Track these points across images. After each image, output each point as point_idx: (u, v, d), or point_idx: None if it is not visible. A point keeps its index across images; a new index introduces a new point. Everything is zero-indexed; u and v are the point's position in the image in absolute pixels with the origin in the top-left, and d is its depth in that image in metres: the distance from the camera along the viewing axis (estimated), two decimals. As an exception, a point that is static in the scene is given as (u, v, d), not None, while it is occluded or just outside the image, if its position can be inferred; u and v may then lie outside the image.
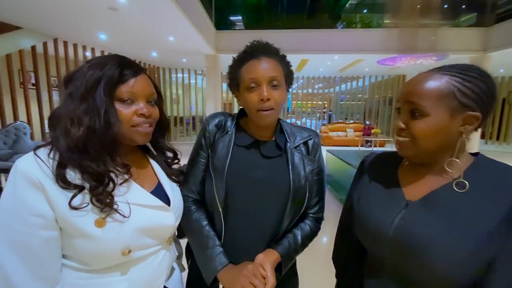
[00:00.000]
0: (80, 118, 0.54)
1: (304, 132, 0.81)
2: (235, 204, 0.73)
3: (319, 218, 0.82)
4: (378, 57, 6.49)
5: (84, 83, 0.56)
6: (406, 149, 0.56)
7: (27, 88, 5.07)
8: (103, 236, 0.54)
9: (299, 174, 0.74)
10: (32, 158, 0.52)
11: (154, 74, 8.77)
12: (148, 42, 5.83)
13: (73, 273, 0.57)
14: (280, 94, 0.71)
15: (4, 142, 4.34)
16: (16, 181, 0.50)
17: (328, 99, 13.52)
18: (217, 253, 0.69)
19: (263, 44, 0.75)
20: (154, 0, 3.60)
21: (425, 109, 0.51)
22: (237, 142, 0.76)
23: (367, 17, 8.94)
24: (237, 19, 9.76)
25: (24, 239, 0.50)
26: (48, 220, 0.51)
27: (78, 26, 4.67)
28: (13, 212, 0.50)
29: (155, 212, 0.63)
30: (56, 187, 0.51)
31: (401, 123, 0.55)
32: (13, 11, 3.97)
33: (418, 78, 0.54)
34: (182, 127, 9.87)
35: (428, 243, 0.50)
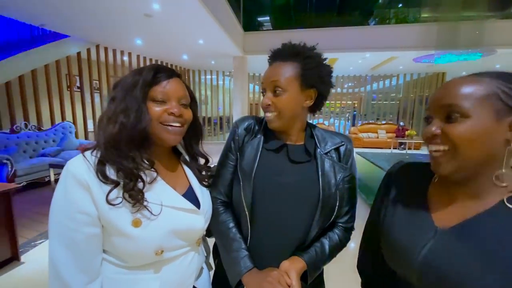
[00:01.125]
0: (116, 117, 0.60)
1: (336, 137, 0.77)
2: (261, 208, 0.71)
3: (349, 228, 0.78)
4: (414, 54, 6.08)
5: (124, 87, 0.62)
6: (444, 163, 0.47)
7: (73, 90, 5.57)
8: (138, 236, 0.57)
9: (329, 182, 0.71)
10: (81, 159, 0.58)
11: (185, 76, 9.12)
12: (179, 45, 6.08)
13: (112, 268, 0.61)
14: (282, 100, 0.69)
15: (53, 140, 4.81)
16: (66, 181, 0.55)
17: (359, 99, 12.98)
18: (242, 256, 0.69)
19: (282, 48, 0.73)
20: (185, 6, 3.75)
21: (466, 109, 0.44)
22: (266, 146, 0.76)
23: (402, 11, 8.40)
24: (265, 19, 9.78)
25: (71, 235, 0.55)
26: (92, 218, 0.56)
27: (117, 32, 5.02)
28: (63, 209, 0.55)
29: (187, 215, 0.66)
30: (100, 187, 0.56)
31: (435, 128, 0.48)
32: (62, 21, 4.39)
33: (453, 81, 0.48)
34: (210, 127, 10.14)
35: (462, 281, 0.43)
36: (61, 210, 0.56)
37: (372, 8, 9.16)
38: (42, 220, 3.00)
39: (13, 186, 2.12)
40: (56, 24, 4.53)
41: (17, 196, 3.62)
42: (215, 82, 9.83)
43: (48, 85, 5.01)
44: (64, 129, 5.08)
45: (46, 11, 3.91)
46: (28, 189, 3.93)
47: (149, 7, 3.77)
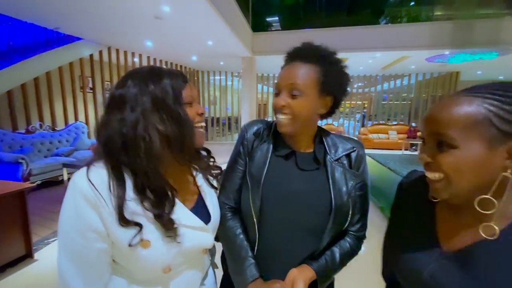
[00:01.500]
0: (156, 132, 0.55)
1: (347, 143, 0.74)
2: (270, 216, 0.70)
3: (361, 236, 0.75)
4: (426, 53, 5.94)
5: (151, 97, 0.56)
6: (441, 190, 0.45)
7: (86, 91, 5.71)
8: (146, 257, 0.56)
9: (340, 190, 0.68)
10: (86, 176, 0.53)
11: (194, 77, 9.21)
12: (188, 47, 6.14)
13: (120, 280, 0.60)
14: (299, 104, 0.65)
15: (66, 140, 4.94)
16: (76, 197, 0.52)
17: (369, 99, 12.78)
18: (248, 264, 0.68)
19: (304, 47, 0.69)
20: (194, 8, 3.78)
21: (452, 140, 0.41)
22: (275, 152, 0.74)
23: (414, 10, 8.22)
24: (274, 19, 9.76)
25: (81, 250, 0.53)
26: (102, 235, 0.54)
27: (128, 35, 5.11)
28: (74, 226, 0.53)
29: (196, 232, 0.63)
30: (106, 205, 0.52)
31: (426, 156, 0.45)
32: (75, 24, 4.50)
33: (442, 103, 0.44)
34: (218, 127, 10.19)
35: None
36: (72, 226, 0.53)
37: (382, 7, 9.00)
38: (55, 218, 3.07)
39: (27, 185, 2.19)
40: (70, 27, 4.65)
41: (31, 195, 3.73)
42: (224, 83, 9.87)
43: (62, 86, 5.15)
44: (77, 129, 5.21)
45: (60, 14, 4.02)
46: (42, 188, 4.04)
47: (159, 10, 3.82)
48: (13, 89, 4.33)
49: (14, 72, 4.30)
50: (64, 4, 3.61)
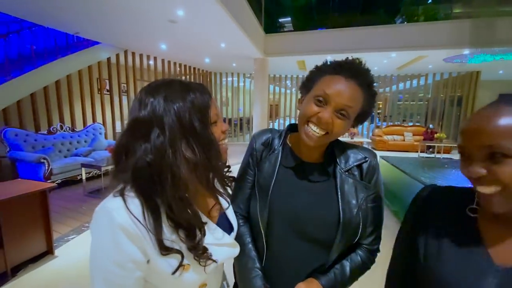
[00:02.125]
0: (183, 158, 0.51)
1: (359, 153, 0.71)
2: (278, 227, 0.69)
3: (374, 250, 0.72)
4: (444, 53, 5.73)
5: (176, 120, 0.51)
6: (498, 203, 0.43)
7: (103, 93, 5.91)
8: (188, 279, 0.55)
9: (349, 202, 0.66)
10: (126, 212, 0.49)
11: (207, 78, 9.33)
12: (202, 49, 6.23)
13: None
14: (341, 125, 0.62)
15: (85, 141, 5.13)
16: (114, 231, 0.48)
17: (384, 99, 12.46)
18: (253, 275, 0.68)
19: (363, 70, 0.65)
20: (208, 12, 3.84)
21: (509, 151, 0.40)
22: (283, 163, 0.73)
23: (432, 8, 7.95)
24: (287, 20, 9.72)
25: (120, 281, 0.50)
26: (141, 264, 0.51)
27: (144, 38, 5.25)
28: (112, 258, 0.49)
29: (227, 249, 0.63)
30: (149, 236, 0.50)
31: (479, 168, 0.43)
32: (94, 29, 4.68)
33: (488, 115, 0.43)
34: (230, 128, 10.27)
35: None
36: (110, 259, 0.49)
37: (398, 5, 8.77)
38: (75, 216, 3.21)
39: (50, 185, 2.29)
40: (89, 32, 4.84)
41: (52, 193, 3.90)
42: (236, 84, 9.94)
43: (81, 89, 5.36)
44: (94, 130, 5.40)
45: (80, 20, 4.19)
46: (61, 187, 4.22)
47: (173, 14, 3.90)
48: (36, 92, 4.55)
49: (37, 75, 4.52)
50: (83, 10, 3.77)
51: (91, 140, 5.22)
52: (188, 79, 8.62)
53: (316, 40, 6.70)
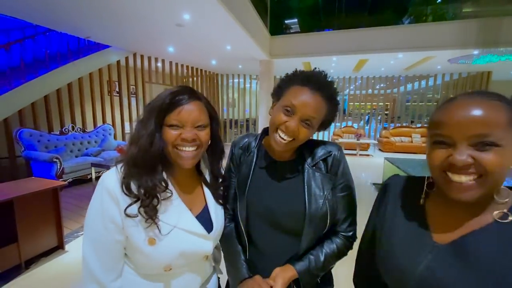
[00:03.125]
0: (138, 138, 0.67)
1: (324, 148, 0.77)
2: (256, 222, 0.77)
3: (349, 236, 0.78)
4: (451, 53, 5.66)
5: (147, 111, 0.69)
6: (471, 191, 0.45)
7: (113, 95, 6.09)
8: (150, 253, 0.64)
9: (315, 194, 0.72)
10: (114, 174, 0.66)
11: (213, 80, 9.44)
12: (208, 51, 6.34)
13: (129, 270, 0.70)
14: (306, 133, 0.70)
15: (95, 141, 5.30)
16: (102, 193, 0.64)
17: (391, 100, 12.30)
18: (239, 267, 0.76)
19: (328, 83, 0.71)
20: (213, 15, 3.93)
21: (497, 139, 0.42)
22: (258, 164, 0.80)
23: (441, 7, 7.82)
24: (293, 21, 9.75)
25: (104, 239, 0.64)
26: (119, 227, 0.64)
27: (152, 42, 5.40)
28: (99, 218, 0.64)
29: (197, 239, 0.70)
30: (125, 202, 0.63)
31: (466, 157, 0.44)
32: (104, 33, 4.84)
33: (472, 104, 0.44)
34: (236, 129, 10.36)
35: None
36: (97, 218, 0.64)
37: (406, 5, 8.67)
38: (84, 213, 3.32)
39: (61, 183, 2.41)
40: (100, 36, 5.01)
41: (63, 191, 4.06)
42: (242, 85, 10.03)
43: (92, 91, 5.54)
44: (104, 131, 5.58)
45: (92, 25, 4.35)
46: (72, 185, 4.38)
47: (180, 18, 4.01)
48: (49, 94, 4.74)
49: (50, 78, 4.70)
50: (95, 15, 3.92)
51: (101, 141, 5.39)
52: (195, 80, 8.72)
53: (322, 42, 6.70)
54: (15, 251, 2.04)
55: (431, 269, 0.48)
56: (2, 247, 1.97)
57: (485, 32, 4.06)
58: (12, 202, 1.98)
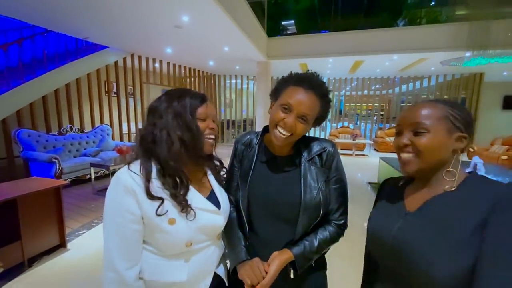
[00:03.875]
0: (175, 134, 0.74)
1: (320, 144, 0.86)
2: (256, 211, 0.85)
3: (341, 224, 0.86)
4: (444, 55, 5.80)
5: (173, 110, 0.76)
6: (411, 165, 0.62)
7: (111, 96, 6.10)
8: (172, 231, 0.72)
9: (310, 186, 0.80)
10: (128, 172, 0.72)
11: (211, 81, 9.49)
12: (206, 52, 6.40)
13: (151, 255, 0.76)
14: (302, 128, 0.78)
15: (93, 141, 5.31)
16: (118, 188, 0.70)
17: (387, 101, 12.46)
18: (238, 250, 0.83)
19: (319, 83, 0.79)
20: (211, 17, 3.99)
21: (428, 126, 0.60)
22: (259, 158, 0.88)
23: (434, 10, 7.97)
24: (290, 23, 9.84)
25: (121, 229, 0.70)
26: (136, 217, 0.71)
27: (150, 43, 5.43)
28: (116, 210, 0.70)
29: (210, 214, 0.80)
30: (144, 195, 0.70)
31: (405, 140, 0.63)
32: (102, 34, 4.87)
33: (418, 106, 0.63)
34: (234, 130, 10.40)
35: (418, 249, 0.56)
36: (113, 210, 0.71)
37: (401, 7, 8.82)
38: (84, 213, 3.37)
39: (63, 182, 2.45)
40: (98, 37, 5.03)
41: (63, 192, 4.07)
42: (240, 86, 10.09)
43: (90, 91, 5.56)
44: (102, 131, 5.59)
45: (90, 26, 4.38)
46: (71, 186, 4.40)
47: (179, 20, 4.06)
48: (47, 95, 4.75)
49: (48, 79, 4.72)
50: (93, 16, 3.95)
51: (99, 141, 5.40)
52: (192, 81, 8.74)
53: (319, 43, 6.79)
54: (18, 249, 2.08)
55: (401, 229, 0.62)
56: (6, 245, 2.00)
57: (475, 34, 4.18)
58: (16, 201, 2.01)
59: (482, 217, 0.52)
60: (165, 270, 0.76)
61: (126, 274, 0.71)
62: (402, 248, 0.59)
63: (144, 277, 0.75)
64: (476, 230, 0.51)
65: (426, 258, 0.54)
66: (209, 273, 0.83)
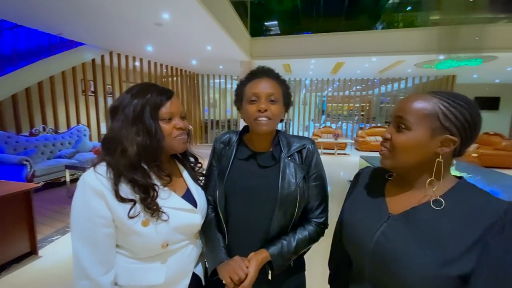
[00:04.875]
0: (133, 140, 0.69)
1: (300, 141, 0.87)
2: (233, 209, 0.84)
3: (321, 223, 0.85)
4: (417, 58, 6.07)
5: (131, 111, 0.71)
6: (385, 159, 0.60)
7: (88, 95, 5.85)
8: (147, 233, 0.69)
9: (289, 181, 0.80)
10: (94, 173, 0.67)
11: (194, 80, 9.35)
12: (188, 51, 6.29)
13: (126, 259, 0.72)
14: (276, 108, 0.80)
15: (69, 142, 5.07)
16: (85, 191, 0.66)
17: (367, 102, 12.87)
18: (218, 252, 0.81)
19: (267, 69, 0.86)
20: (193, 15, 3.93)
21: (409, 123, 0.55)
22: (238, 156, 0.88)
23: (411, 15, 8.34)
24: (273, 24, 9.90)
25: (91, 234, 0.66)
26: (107, 220, 0.67)
27: (130, 40, 5.26)
28: (84, 214, 0.66)
29: (186, 214, 0.77)
30: (114, 197, 0.66)
31: (387, 133, 0.60)
32: (78, 31, 4.66)
33: (410, 96, 0.58)
34: (218, 130, 10.32)
35: (402, 257, 0.53)
36: (82, 214, 0.67)
37: (380, 11, 9.14)
38: (58, 218, 3.20)
39: (33, 185, 2.31)
40: (73, 33, 4.80)
41: (35, 195, 3.84)
42: (224, 86, 10.01)
43: (65, 90, 5.30)
44: (79, 132, 5.35)
45: (64, 21, 4.17)
46: (45, 189, 4.17)
47: (159, 17, 3.96)
48: (17, 93, 4.48)
49: (19, 76, 4.45)
50: (67, 12, 3.77)
51: (75, 142, 5.16)
52: (175, 80, 8.57)
53: (302, 44, 6.89)
54: (-17, 258, 1.94)
55: (384, 234, 0.57)
56: (-31, 254, 1.86)
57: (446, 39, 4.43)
58: (-20, 206, 1.88)
59: (478, 235, 0.47)
60: (141, 273, 0.73)
61: (102, 281, 0.68)
62: (385, 255, 0.56)
63: (119, 283, 0.72)
64: (470, 249, 0.47)
65: (411, 271, 0.51)
66: (187, 274, 0.81)
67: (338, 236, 0.79)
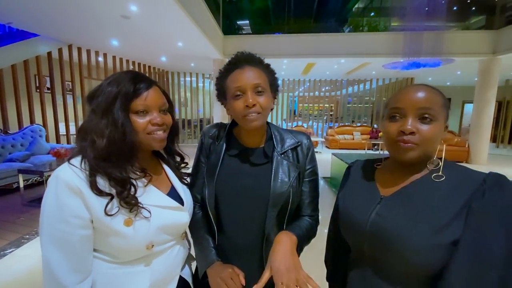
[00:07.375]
0: (102, 131, 0.62)
1: (293, 138, 0.82)
2: (224, 209, 0.78)
3: (315, 219, 0.83)
4: (384, 60, 6.49)
5: (103, 100, 0.64)
6: (411, 152, 0.56)
7: (43, 92, 5.30)
8: (131, 234, 0.62)
9: (282, 180, 0.75)
10: (70, 167, 0.60)
11: (163, 78, 8.98)
12: (157, 47, 6.01)
13: (105, 264, 0.65)
14: (265, 100, 0.73)
15: (21, 144, 4.55)
16: (58, 188, 0.58)
17: (335, 102, 13.45)
18: (208, 253, 0.76)
19: (247, 55, 0.77)
20: (163, 9, 3.75)
21: (436, 113, 0.55)
22: (228, 151, 0.81)
23: (374, 20, 8.92)
24: (245, 23, 9.89)
25: (66, 237, 0.58)
26: (85, 221, 0.59)
27: (92, 33, 4.88)
28: (56, 214, 0.58)
29: (172, 212, 0.71)
30: (92, 193, 0.59)
31: (410, 127, 0.56)
32: (31, 20, 4.20)
33: (422, 88, 0.58)
34: (190, 129, 10.03)
35: (398, 233, 0.55)
36: (54, 215, 0.58)
37: (346, 15, 9.62)
38: (12, 228, 2.85)
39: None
40: (25, 23, 4.32)
41: (-19, 204, 3.40)
42: (195, 84, 9.76)
43: (15, 86, 4.74)
44: (33, 132, 4.82)
45: (13, 9, 3.72)
46: (-7, 197, 3.69)
47: (126, 9, 3.72)
48: (-44, 88, 3.91)
49: (-43, 69, 3.89)
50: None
51: (29, 144, 4.65)
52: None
53: (273, 44, 6.97)
54: None
55: (379, 214, 0.60)
56: None
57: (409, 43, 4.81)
58: None
59: (464, 202, 0.52)
60: (122, 279, 0.66)
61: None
62: (382, 233, 0.58)
63: None
64: (458, 215, 0.51)
65: (408, 244, 0.53)
66: (174, 277, 0.74)
67: (334, 229, 0.80)
